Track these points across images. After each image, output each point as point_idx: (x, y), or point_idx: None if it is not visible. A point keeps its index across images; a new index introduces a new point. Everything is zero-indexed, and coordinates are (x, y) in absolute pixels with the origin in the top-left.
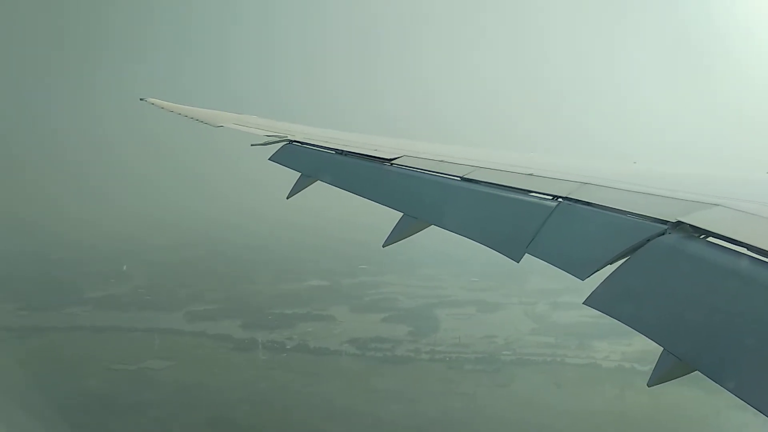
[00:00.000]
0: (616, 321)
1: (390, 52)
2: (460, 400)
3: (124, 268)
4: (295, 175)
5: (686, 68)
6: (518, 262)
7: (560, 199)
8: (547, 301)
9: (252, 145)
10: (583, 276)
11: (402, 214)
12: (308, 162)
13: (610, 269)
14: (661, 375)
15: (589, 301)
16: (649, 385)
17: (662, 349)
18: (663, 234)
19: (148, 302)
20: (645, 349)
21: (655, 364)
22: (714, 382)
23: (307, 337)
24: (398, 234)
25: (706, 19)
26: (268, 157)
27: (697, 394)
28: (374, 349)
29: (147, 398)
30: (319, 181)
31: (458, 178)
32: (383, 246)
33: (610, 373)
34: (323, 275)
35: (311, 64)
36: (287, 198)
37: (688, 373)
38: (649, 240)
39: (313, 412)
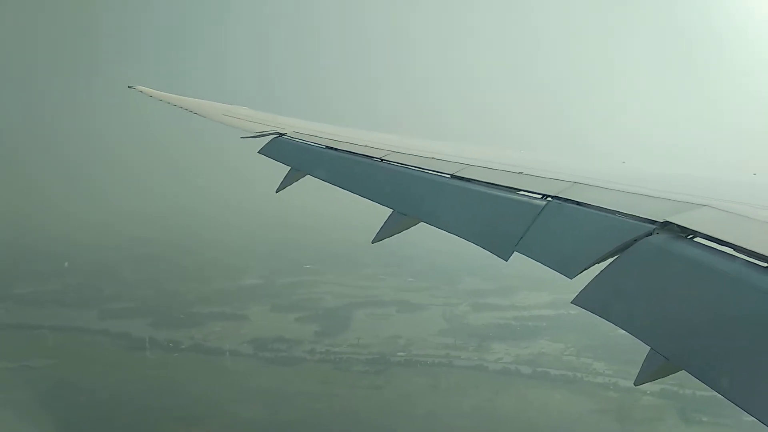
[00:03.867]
0: (525, 324)
1: (383, 47)
2: (326, 401)
3: (66, 264)
4: (286, 169)
5: (676, 69)
6: (507, 261)
7: (550, 198)
8: (472, 302)
9: (242, 137)
10: (571, 275)
11: (392, 210)
12: (298, 156)
13: (597, 269)
14: (647, 374)
15: (577, 301)
16: (635, 384)
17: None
18: (651, 234)
19: (70, 299)
20: (541, 351)
21: (642, 364)
22: (701, 382)
23: (209, 336)
24: (387, 230)
25: (698, 20)
26: (258, 149)
27: (566, 397)
28: (270, 349)
29: (3, 397)
30: (310, 176)
31: (448, 176)
32: (372, 242)
33: (492, 376)
34: (264, 273)
35: (303, 57)
36: (276, 192)
37: (675, 373)
38: (636, 240)
39: (166, 413)
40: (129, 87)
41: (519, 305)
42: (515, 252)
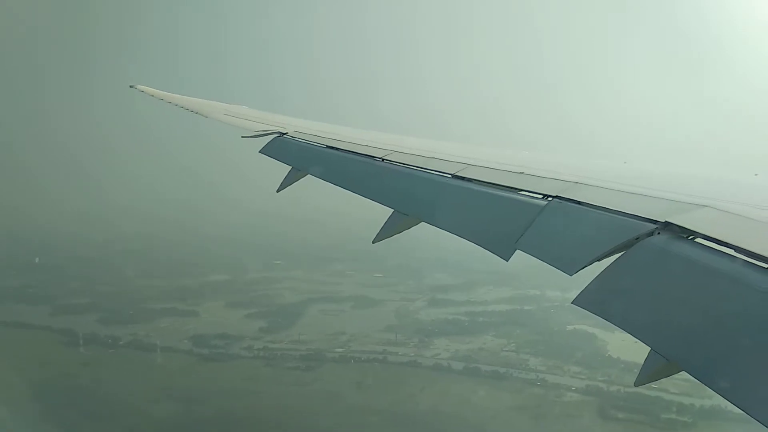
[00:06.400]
0: (475, 320)
1: (384, 47)
2: (244, 399)
3: (37, 260)
4: (287, 168)
5: (678, 69)
6: (507, 261)
7: (550, 198)
8: (431, 297)
9: (242, 137)
10: (571, 271)
11: (392, 210)
12: (299, 156)
13: (598, 270)
14: (648, 375)
15: (578, 301)
16: (636, 385)
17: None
18: (651, 234)
19: (27, 295)
20: (481, 347)
21: (642, 364)
22: (701, 383)
23: (152, 333)
24: (388, 230)
25: (700, 18)
26: (259, 149)
27: (490, 393)
28: (209, 345)
29: None
30: (310, 175)
31: (449, 176)
32: (373, 242)
33: (423, 371)
34: (236, 270)
35: (304, 56)
36: (277, 191)
37: (675, 374)
38: (637, 240)
39: (77, 411)
40: (130, 86)
41: (476, 301)
42: (516, 250)
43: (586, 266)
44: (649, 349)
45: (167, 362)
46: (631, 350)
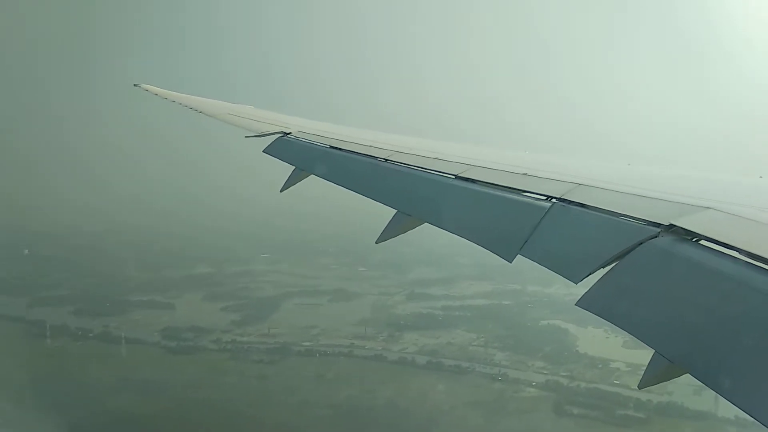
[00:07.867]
0: (450, 314)
1: (388, 46)
2: (202, 391)
3: (26, 251)
4: (290, 168)
5: (682, 70)
6: (511, 263)
7: (554, 200)
8: (410, 291)
9: (246, 136)
10: (576, 279)
11: (396, 210)
12: (302, 156)
13: (601, 271)
14: (652, 377)
15: (581, 303)
16: (639, 387)
17: (653, 351)
18: (655, 237)
19: (9, 286)
20: (450, 342)
21: (646, 366)
22: (705, 385)
23: (124, 325)
24: (392, 231)
25: (705, 16)
26: (263, 149)
27: (449, 387)
28: (178, 338)
29: None
30: (314, 175)
31: (452, 176)
32: (376, 242)
33: (386, 365)
34: (219, 263)
35: (308, 56)
36: (280, 191)
37: (679, 376)
38: (641, 243)
39: (33, 402)
40: (134, 85)
41: (454, 295)
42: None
43: (590, 274)
44: (626, 341)
45: (132, 354)
46: (601, 346)
